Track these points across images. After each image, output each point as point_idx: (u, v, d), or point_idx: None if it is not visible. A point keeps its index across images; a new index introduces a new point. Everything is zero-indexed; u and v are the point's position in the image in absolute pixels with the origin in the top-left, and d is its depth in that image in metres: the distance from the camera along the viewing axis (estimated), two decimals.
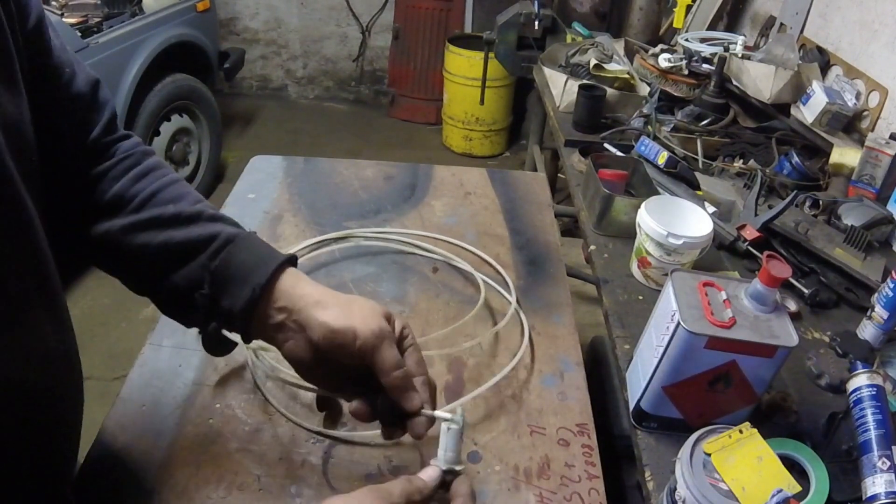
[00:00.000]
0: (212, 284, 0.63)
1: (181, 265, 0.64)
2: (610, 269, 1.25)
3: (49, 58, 0.61)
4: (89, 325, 2.47)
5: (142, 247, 0.65)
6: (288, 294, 0.63)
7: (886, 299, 1.04)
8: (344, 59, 4.50)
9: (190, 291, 0.64)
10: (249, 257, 0.64)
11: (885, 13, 1.80)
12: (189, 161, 3.18)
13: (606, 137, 1.75)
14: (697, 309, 0.80)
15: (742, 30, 2.61)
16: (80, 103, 0.66)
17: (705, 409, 0.86)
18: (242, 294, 0.62)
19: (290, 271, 0.65)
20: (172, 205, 0.66)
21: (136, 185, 0.67)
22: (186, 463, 0.76)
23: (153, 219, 0.65)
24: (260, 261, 0.64)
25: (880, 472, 0.76)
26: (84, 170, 0.67)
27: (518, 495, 0.76)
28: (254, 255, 0.65)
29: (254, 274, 0.63)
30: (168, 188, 0.68)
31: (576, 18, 2.86)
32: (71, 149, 0.65)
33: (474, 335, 0.98)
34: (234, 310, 0.63)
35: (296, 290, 0.63)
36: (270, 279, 0.63)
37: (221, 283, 0.63)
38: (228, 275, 0.63)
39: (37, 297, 0.56)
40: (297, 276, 0.65)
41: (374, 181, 1.36)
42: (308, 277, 0.66)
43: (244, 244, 0.65)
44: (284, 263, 0.65)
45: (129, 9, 2.73)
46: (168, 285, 0.65)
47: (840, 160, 1.56)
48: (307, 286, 0.64)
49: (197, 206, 0.67)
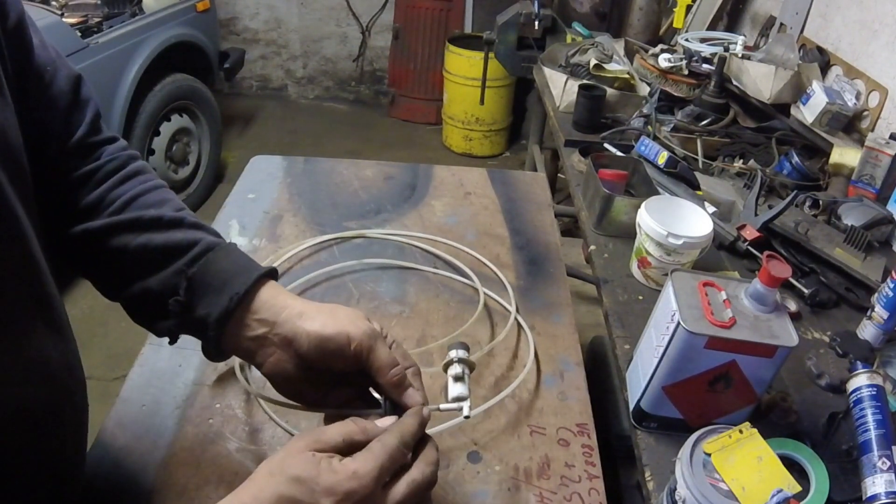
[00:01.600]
0: (187, 291, 0.61)
1: (158, 269, 0.62)
2: (610, 269, 1.25)
3: (31, 58, 0.60)
4: (89, 325, 2.47)
5: (120, 248, 0.63)
6: (269, 306, 0.61)
7: (886, 299, 1.04)
8: (344, 59, 4.50)
9: (164, 297, 0.62)
10: (229, 266, 0.63)
11: (885, 13, 1.80)
12: (189, 161, 3.18)
13: (606, 137, 1.75)
14: (697, 309, 0.80)
15: (742, 30, 2.61)
16: (62, 102, 0.64)
17: (705, 409, 0.86)
18: (219, 302, 0.60)
19: (270, 284, 0.64)
20: (154, 209, 0.65)
21: (119, 188, 0.66)
22: (186, 463, 0.76)
23: (133, 221, 0.63)
24: (240, 270, 0.63)
25: (880, 472, 0.76)
26: (68, 171, 0.65)
27: (518, 495, 0.76)
28: (234, 264, 0.63)
29: (232, 283, 0.61)
30: (151, 193, 0.67)
31: (576, 18, 2.87)
32: (54, 150, 0.64)
33: (475, 336, 0.98)
34: (208, 319, 0.61)
35: (277, 301, 0.62)
36: (250, 289, 0.61)
37: (198, 291, 0.61)
38: (206, 282, 0.61)
39: (35, 310, 0.55)
40: (277, 289, 0.64)
41: (374, 181, 1.36)
42: (287, 290, 0.65)
43: (224, 253, 0.64)
44: (265, 276, 0.63)
45: (129, 9, 2.73)
46: (142, 289, 0.63)
47: (840, 160, 1.56)
48: (288, 298, 0.63)
49: (179, 213, 0.66)
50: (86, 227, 0.63)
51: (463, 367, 0.71)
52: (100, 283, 0.68)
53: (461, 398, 0.67)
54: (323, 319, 0.60)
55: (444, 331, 0.97)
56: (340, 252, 1.14)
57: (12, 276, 0.52)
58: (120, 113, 2.57)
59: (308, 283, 1.06)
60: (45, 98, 0.62)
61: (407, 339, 0.97)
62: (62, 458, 0.62)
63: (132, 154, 0.70)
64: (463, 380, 0.69)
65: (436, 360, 0.94)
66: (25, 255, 0.54)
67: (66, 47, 2.29)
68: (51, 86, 0.62)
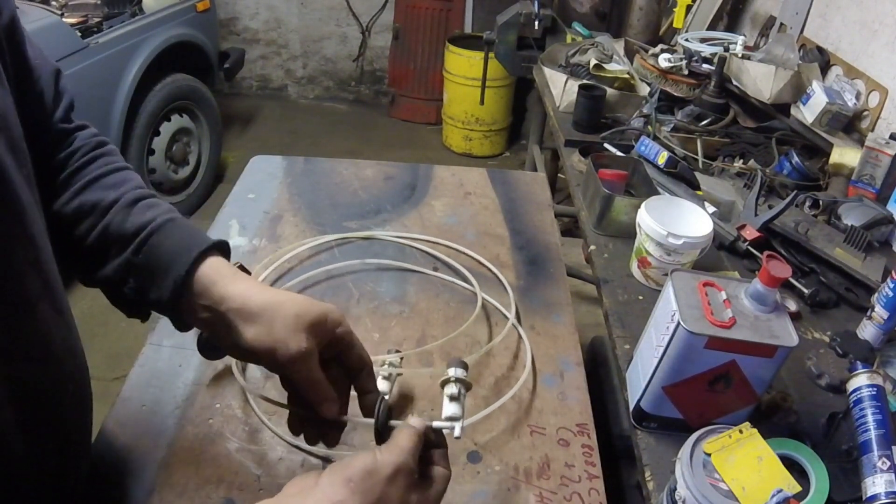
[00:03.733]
0: (136, 278, 0.62)
1: (113, 257, 0.63)
2: (610, 269, 1.25)
3: (24, 53, 0.62)
4: (89, 325, 2.47)
5: (81, 236, 0.65)
6: (209, 293, 0.61)
7: (886, 299, 1.04)
8: (344, 59, 4.50)
9: (120, 285, 0.63)
10: (172, 246, 0.62)
11: (885, 13, 1.80)
12: (189, 161, 3.18)
13: (606, 137, 1.75)
14: (697, 309, 0.80)
15: (742, 30, 2.61)
16: (48, 95, 0.67)
17: (705, 409, 0.86)
18: (166, 286, 0.61)
19: (211, 263, 0.62)
20: (114, 190, 0.66)
21: (84, 170, 0.67)
22: (186, 463, 0.76)
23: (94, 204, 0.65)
24: (182, 249, 0.62)
25: (880, 472, 0.76)
26: (48, 158, 0.67)
27: (518, 495, 0.76)
28: (176, 243, 0.63)
29: (175, 264, 0.61)
30: (113, 174, 0.68)
31: (576, 18, 2.86)
32: (42, 140, 0.66)
33: (475, 336, 0.98)
34: (161, 301, 0.62)
35: (216, 289, 0.61)
36: (190, 270, 0.61)
37: (146, 277, 0.62)
38: (152, 267, 0.62)
39: (41, 291, 0.56)
40: (218, 271, 0.62)
41: (374, 181, 1.36)
42: (230, 267, 0.64)
43: (169, 232, 0.63)
44: (206, 251, 0.62)
45: (129, 9, 2.73)
46: (103, 277, 0.64)
47: (840, 160, 1.56)
48: (228, 284, 0.61)
49: (136, 192, 0.66)
50: (56, 211, 0.65)
51: (459, 386, 0.71)
52: (73, 269, 0.68)
53: (454, 418, 0.68)
54: (256, 330, 0.59)
55: (444, 331, 0.97)
56: (340, 252, 1.14)
57: (21, 257, 0.53)
58: (120, 113, 2.57)
59: (308, 283, 1.06)
60: (36, 91, 0.64)
61: (407, 339, 0.97)
62: (65, 437, 0.63)
63: (101, 140, 0.72)
64: (458, 400, 0.70)
65: (436, 361, 0.94)
66: (30, 238, 0.55)
67: (66, 47, 2.29)
68: (39, 80, 0.65)
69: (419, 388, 0.89)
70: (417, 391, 0.89)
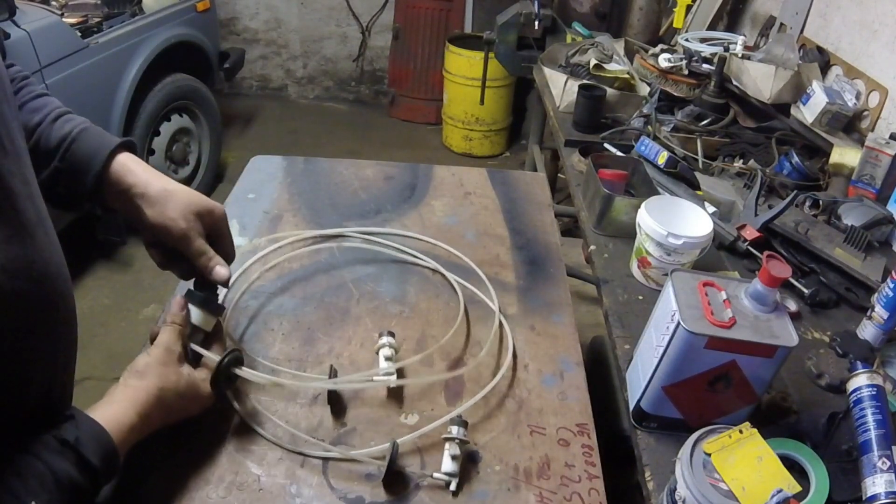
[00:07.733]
0: (65, 180, 0.77)
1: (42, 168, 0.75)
2: (610, 269, 1.25)
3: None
4: (89, 325, 2.47)
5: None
6: (120, 182, 0.77)
7: (886, 299, 1.04)
8: (344, 59, 4.50)
9: (53, 188, 0.76)
10: (89, 150, 0.77)
11: (885, 13, 1.80)
12: (189, 161, 3.17)
13: (606, 137, 1.75)
14: (697, 309, 0.80)
15: (742, 30, 2.61)
16: None
17: (705, 409, 0.86)
18: (88, 181, 0.76)
19: (120, 158, 0.78)
20: (37, 113, 0.77)
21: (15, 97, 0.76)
22: (186, 462, 0.76)
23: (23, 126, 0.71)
24: (97, 150, 0.77)
25: (880, 472, 0.76)
26: None
27: (518, 495, 0.76)
28: (92, 146, 0.77)
29: (93, 163, 0.76)
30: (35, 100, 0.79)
31: (576, 18, 2.86)
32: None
33: (474, 335, 0.98)
34: (85, 194, 0.77)
35: (126, 178, 0.77)
36: (105, 165, 0.76)
37: (72, 177, 0.76)
38: (74, 169, 0.76)
39: (36, 220, 0.62)
40: (125, 165, 0.78)
41: (374, 181, 1.36)
42: (136, 160, 0.79)
43: (85, 138, 0.77)
44: (116, 149, 0.77)
45: (129, 9, 2.73)
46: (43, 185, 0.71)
47: (840, 160, 1.56)
48: (133, 175, 0.78)
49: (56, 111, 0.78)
50: None
51: (460, 446, 0.78)
52: None
53: (452, 475, 0.76)
54: (153, 211, 0.77)
55: (444, 331, 0.97)
56: (341, 252, 1.14)
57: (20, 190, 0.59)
58: (120, 113, 2.57)
59: (308, 283, 1.06)
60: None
61: (407, 339, 0.97)
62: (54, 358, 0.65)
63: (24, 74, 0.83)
64: (457, 459, 0.77)
65: (436, 361, 0.94)
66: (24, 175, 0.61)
67: (66, 47, 2.29)
68: None
69: (420, 388, 0.90)
70: (417, 391, 0.89)
